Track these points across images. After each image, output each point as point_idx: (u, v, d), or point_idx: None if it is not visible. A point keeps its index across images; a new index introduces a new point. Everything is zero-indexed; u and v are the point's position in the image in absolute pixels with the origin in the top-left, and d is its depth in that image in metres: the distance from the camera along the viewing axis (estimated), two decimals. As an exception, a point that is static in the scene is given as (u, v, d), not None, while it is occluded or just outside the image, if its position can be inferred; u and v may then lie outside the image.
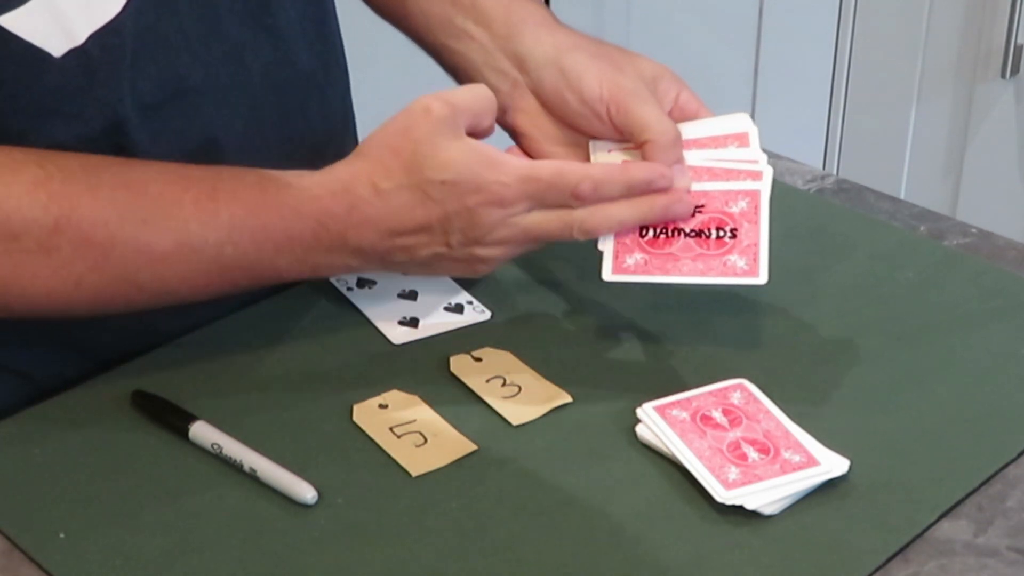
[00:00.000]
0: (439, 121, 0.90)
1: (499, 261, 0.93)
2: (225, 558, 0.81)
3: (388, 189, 0.90)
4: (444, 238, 0.91)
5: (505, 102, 1.01)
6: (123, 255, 0.88)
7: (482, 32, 1.02)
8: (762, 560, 0.81)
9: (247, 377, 0.95)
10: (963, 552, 0.82)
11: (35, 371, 0.99)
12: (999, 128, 2.25)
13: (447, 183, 0.89)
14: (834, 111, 2.38)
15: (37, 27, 0.87)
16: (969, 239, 1.09)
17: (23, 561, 0.82)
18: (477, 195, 0.89)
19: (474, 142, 0.91)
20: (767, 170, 0.96)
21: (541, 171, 0.91)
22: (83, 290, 0.88)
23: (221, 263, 0.90)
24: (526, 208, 0.90)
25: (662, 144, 0.95)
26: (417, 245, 0.91)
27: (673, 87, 1.00)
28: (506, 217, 0.90)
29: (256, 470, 0.86)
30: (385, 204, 0.90)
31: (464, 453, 0.88)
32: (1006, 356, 0.96)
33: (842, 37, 2.33)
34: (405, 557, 0.81)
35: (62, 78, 0.89)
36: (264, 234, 0.90)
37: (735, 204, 0.94)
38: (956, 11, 2.22)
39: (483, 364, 0.95)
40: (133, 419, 0.91)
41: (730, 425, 0.88)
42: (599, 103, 0.97)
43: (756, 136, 0.98)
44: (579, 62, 0.98)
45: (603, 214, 0.91)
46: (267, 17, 0.99)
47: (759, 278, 0.92)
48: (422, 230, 0.91)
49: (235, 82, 0.98)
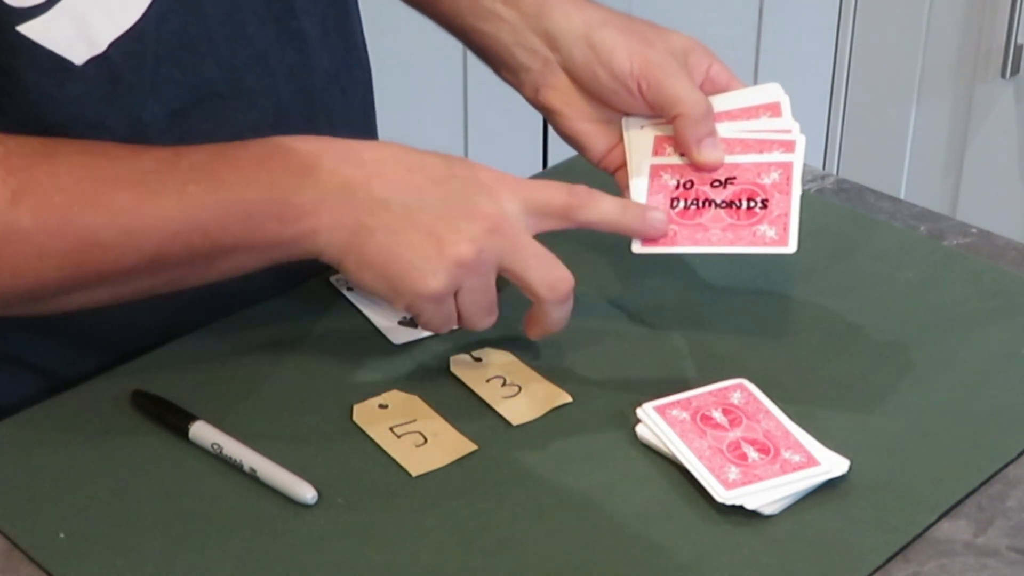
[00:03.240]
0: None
1: (456, 273, 0.87)
2: (225, 558, 0.81)
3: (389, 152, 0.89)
4: (423, 194, 0.87)
5: (536, 80, 1.01)
6: (82, 213, 0.85)
7: (511, 12, 1.02)
8: (762, 560, 0.81)
9: (247, 377, 0.95)
10: (963, 552, 0.82)
11: (46, 365, 0.99)
12: (999, 128, 2.26)
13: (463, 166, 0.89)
14: (834, 111, 2.38)
15: (59, 35, 0.87)
16: (969, 239, 1.09)
17: (23, 561, 0.82)
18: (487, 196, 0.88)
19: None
20: (800, 139, 0.95)
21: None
22: (48, 260, 0.85)
23: (183, 205, 0.85)
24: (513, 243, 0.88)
25: (694, 117, 0.95)
26: (391, 179, 0.87)
27: (704, 60, 1.00)
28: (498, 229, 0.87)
29: (256, 470, 0.86)
30: (377, 147, 0.89)
31: (464, 453, 0.88)
32: (1006, 356, 0.96)
33: (842, 37, 2.33)
34: (405, 557, 0.81)
35: (84, 86, 0.88)
36: (228, 167, 0.87)
37: (767, 176, 0.94)
38: (956, 11, 2.22)
39: (483, 364, 0.95)
40: (133, 419, 0.91)
41: (730, 425, 0.88)
42: (630, 78, 0.97)
43: (788, 106, 0.98)
44: (609, 37, 0.98)
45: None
46: (291, 20, 0.99)
47: (788, 247, 0.91)
48: (405, 169, 0.88)
49: (260, 86, 0.98)
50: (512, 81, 1.04)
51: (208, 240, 0.87)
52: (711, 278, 1.03)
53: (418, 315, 0.89)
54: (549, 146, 2.13)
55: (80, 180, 0.85)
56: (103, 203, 0.85)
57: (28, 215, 0.84)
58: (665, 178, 0.96)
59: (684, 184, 0.95)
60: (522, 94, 1.04)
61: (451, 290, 0.87)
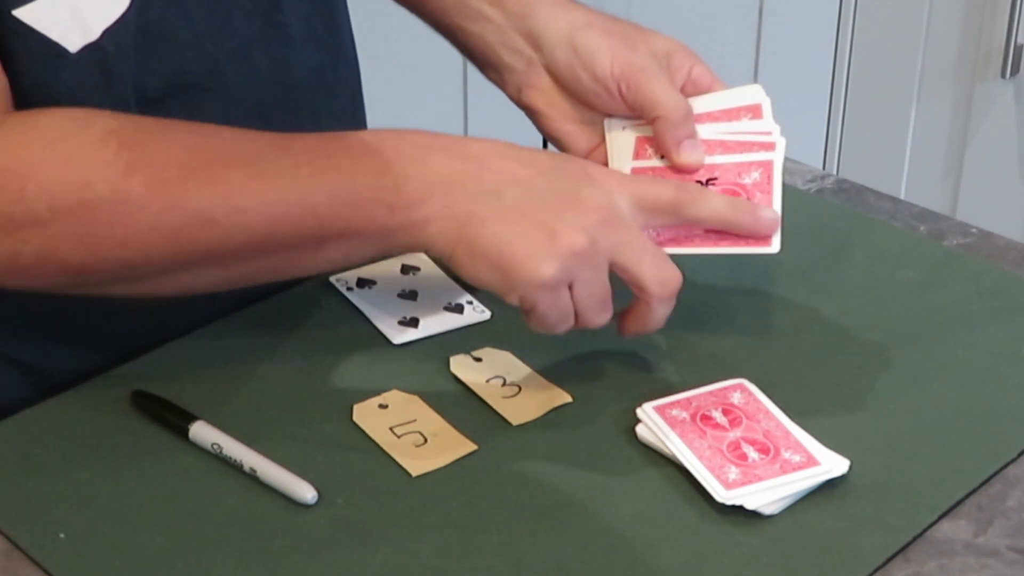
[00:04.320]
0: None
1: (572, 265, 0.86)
2: (225, 558, 0.81)
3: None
4: (534, 186, 0.87)
5: (520, 81, 1.02)
6: (195, 189, 0.84)
7: (496, 12, 1.03)
8: (762, 560, 0.81)
9: (247, 377, 0.95)
10: (963, 552, 0.82)
11: (43, 364, 0.99)
12: (999, 128, 2.26)
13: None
14: (834, 111, 2.38)
15: (54, 21, 0.87)
16: (969, 239, 1.09)
17: (23, 561, 0.82)
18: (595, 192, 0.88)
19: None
20: (780, 141, 0.96)
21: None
22: (159, 234, 0.84)
23: (295, 187, 0.85)
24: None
25: (673, 120, 0.95)
26: (502, 171, 0.87)
27: (686, 61, 1.00)
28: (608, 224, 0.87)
29: (256, 470, 0.86)
30: (487, 142, 0.89)
31: (464, 453, 0.88)
32: (1006, 356, 0.96)
33: (842, 37, 2.33)
34: (405, 557, 0.81)
35: (78, 75, 0.89)
36: (341, 152, 0.87)
37: (748, 175, 0.94)
38: (956, 11, 2.22)
39: (483, 364, 0.95)
40: (133, 419, 0.91)
41: (730, 425, 0.88)
42: (611, 80, 0.97)
43: (769, 107, 0.98)
44: (592, 40, 0.99)
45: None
46: (276, 14, 0.99)
47: (772, 247, 0.91)
48: (515, 162, 0.88)
49: (241, 79, 0.98)
50: (497, 81, 1.05)
51: (318, 223, 0.86)
52: (711, 278, 1.03)
53: (532, 308, 0.87)
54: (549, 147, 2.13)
55: (195, 157, 0.85)
56: (216, 180, 0.85)
57: (141, 187, 0.84)
58: None
59: None
60: (506, 94, 1.05)
61: (565, 280, 0.86)
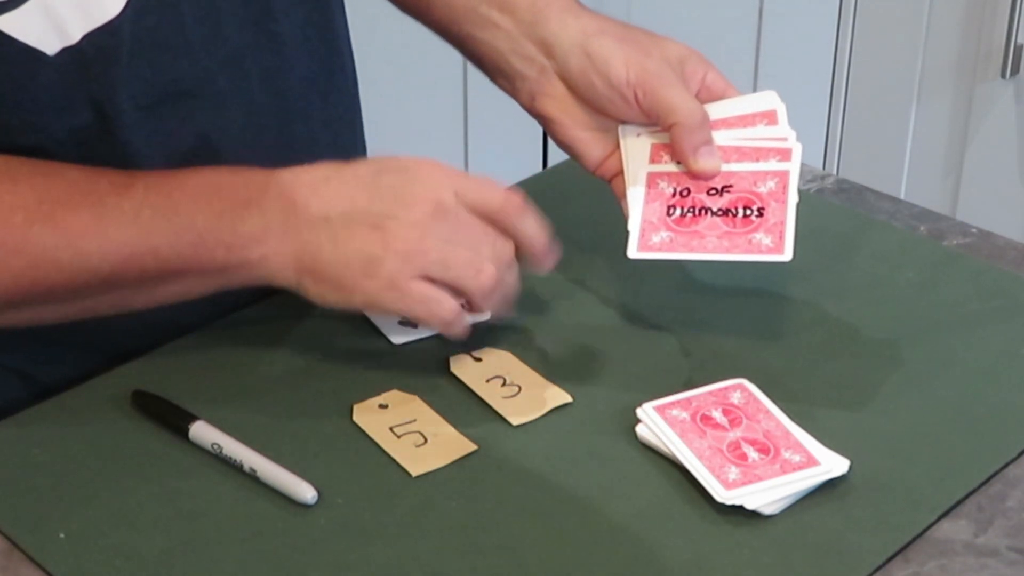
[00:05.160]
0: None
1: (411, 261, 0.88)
2: (225, 558, 0.81)
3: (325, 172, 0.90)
4: (357, 199, 0.89)
5: (532, 88, 1.01)
6: (40, 234, 0.87)
7: (507, 19, 1.02)
8: (762, 560, 0.81)
9: (247, 377, 0.95)
10: (963, 552, 0.82)
11: (36, 370, 0.99)
12: (999, 128, 2.26)
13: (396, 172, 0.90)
14: (834, 111, 2.38)
15: (32, 28, 0.87)
16: (969, 239, 1.09)
17: (23, 561, 0.82)
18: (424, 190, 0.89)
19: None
20: (796, 148, 0.96)
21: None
22: (2, 275, 0.87)
23: (138, 229, 0.87)
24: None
25: (690, 126, 0.95)
26: (326, 194, 0.89)
27: (700, 68, 1.00)
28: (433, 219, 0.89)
29: (256, 470, 0.86)
30: (315, 169, 0.90)
31: (464, 453, 0.88)
32: (1006, 356, 0.96)
33: (842, 37, 2.33)
34: (405, 557, 0.81)
35: (56, 74, 0.89)
36: (180, 192, 0.89)
37: (763, 184, 0.94)
38: (956, 11, 2.22)
39: (483, 364, 0.95)
40: (133, 419, 0.91)
41: (730, 425, 0.88)
42: (626, 87, 0.97)
43: (784, 113, 0.98)
44: (605, 46, 0.98)
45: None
46: (270, 22, 0.99)
47: (784, 255, 0.92)
48: (338, 182, 0.90)
49: (233, 86, 0.98)
50: (508, 89, 1.04)
51: (159, 263, 0.89)
52: (711, 278, 1.03)
53: (400, 311, 0.90)
54: (549, 148, 2.13)
55: (41, 201, 0.87)
56: (62, 224, 0.87)
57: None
58: (662, 186, 0.96)
59: (680, 192, 0.96)
60: (518, 102, 1.04)
61: (407, 275, 0.88)
